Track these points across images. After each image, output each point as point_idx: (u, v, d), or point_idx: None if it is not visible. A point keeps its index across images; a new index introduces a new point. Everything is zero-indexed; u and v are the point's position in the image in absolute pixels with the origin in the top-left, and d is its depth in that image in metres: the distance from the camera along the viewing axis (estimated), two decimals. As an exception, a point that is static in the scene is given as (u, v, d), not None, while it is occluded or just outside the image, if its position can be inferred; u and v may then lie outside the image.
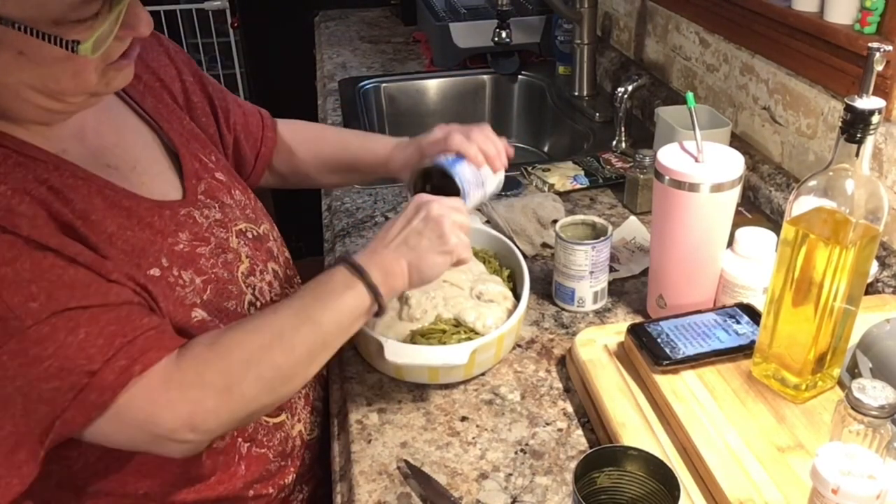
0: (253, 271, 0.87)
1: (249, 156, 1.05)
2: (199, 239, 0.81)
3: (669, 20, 1.54)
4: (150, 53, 0.92)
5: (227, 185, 0.91)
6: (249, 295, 0.85)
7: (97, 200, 0.73)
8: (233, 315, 0.81)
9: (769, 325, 0.78)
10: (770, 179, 1.22)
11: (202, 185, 0.87)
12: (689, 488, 0.72)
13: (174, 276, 0.77)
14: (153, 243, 0.76)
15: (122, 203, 0.76)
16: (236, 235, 0.87)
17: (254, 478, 0.85)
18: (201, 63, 3.98)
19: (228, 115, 1.01)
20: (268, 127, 1.08)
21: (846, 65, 1.02)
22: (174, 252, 0.78)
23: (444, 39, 1.95)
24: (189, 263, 0.79)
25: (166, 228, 0.79)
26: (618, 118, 1.48)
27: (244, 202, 0.92)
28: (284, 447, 0.89)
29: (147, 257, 0.75)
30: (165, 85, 0.92)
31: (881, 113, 0.67)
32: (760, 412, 0.77)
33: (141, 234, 0.76)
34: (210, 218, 0.85)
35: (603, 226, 1.01)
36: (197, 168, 0.88)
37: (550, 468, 0.79)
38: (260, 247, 0.90)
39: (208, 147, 0.93)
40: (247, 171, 1.06)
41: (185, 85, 0.95)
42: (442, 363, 0.84)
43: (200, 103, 0.97)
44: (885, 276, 0.98)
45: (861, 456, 0.57)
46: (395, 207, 1.30)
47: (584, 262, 0.98)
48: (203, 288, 0.79)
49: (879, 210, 0.70)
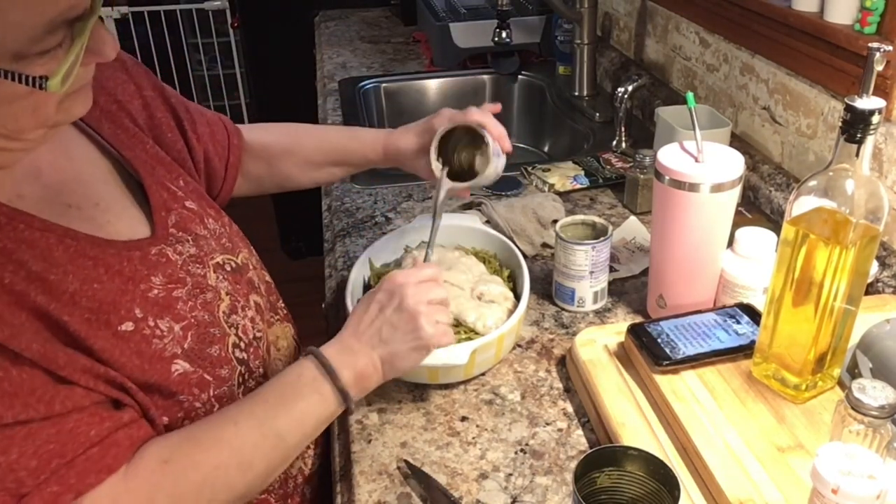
0: (234, 309, 0.81)
1: (219, 166, 0.99)
2: (174, 281, 0.75)
3: (669, 20, 1.54)
4: (105, 72, 0.84)
5: (200, 214, 0.85)
6: (233, 336, 0.79)
7: (58, 253, 0.67)
8: (216, 362, 0.75)
9: (769, 325, 0.78)
10: (770, 179, 1.22)
11: (172, 216, 0.80)
12: (689, 488, 0.72)
13: (150, 328, 0.71)
14: (124, 293, 0.70)
15: (87, 252, 0.69)
16: (214, 270, 0.81)
17: None
18: (201, 63, 4.00)
19: (195, 126, 0.94)
20: (232, 134, 1.02)
21: (846, 65, 1.02)
22: (148, 300, 0.72)
23: (444, 39, 1.95)
24: (165, 310, 0.73)
25: (137, 274, 0.72)
26: (618, 118, 1.48)
27: (219, 230, 0.86)
28: (286, 488, 0.86)
29: (118, 311, 0.69)
30: (123, 106, 0.85)
31: (881, 113, 0.67)
32: (760, 412, 0.77)
33: (110, 286, 0.69)
34: (184, 254, 0.78)
35: (603, 226, 1.01)
36: (165, 198, 0.81)
37: (550, 468, 0.79)
38: (240, 279, 0.85)
39: (175, 171, 0.87)
40: (218, 184, 1.00)
41: (147, 101, 0.88)
42: (442, 363, 0.84)
43: (164, 118, 0.89)
44: (885, 276, 0.98)
45: (861, 456, 0.57)
46: (395, 207, 1.30)
47: (584, 262, 0.98)
48: (183, 335, 0.73)
49: (879, 210, 0.70)
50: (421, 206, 1.30)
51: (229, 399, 0.76)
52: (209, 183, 0.98)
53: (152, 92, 0.89)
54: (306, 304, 1.32)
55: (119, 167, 0.81)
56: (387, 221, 1.26)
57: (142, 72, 0.90)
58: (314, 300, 1.18)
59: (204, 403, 0.74)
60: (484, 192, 1.32)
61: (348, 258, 1.16)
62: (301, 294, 1.40)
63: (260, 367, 0.82)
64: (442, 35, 1.95)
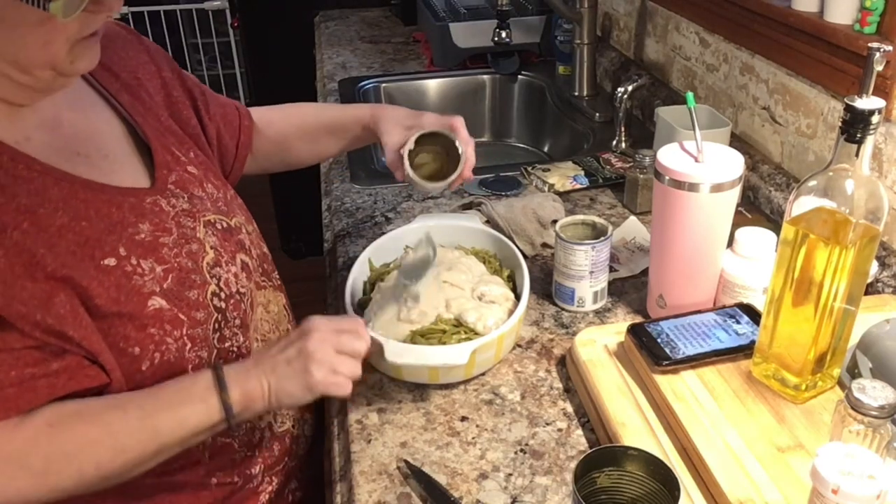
0: (218, 262, 0.86)
1: (230, 145, 1.06)
2: (161, 229, 0.82)
3: (669, 20, 1.54)
4: (130, 52, 0.93)
5: (200, 178, 0.91)
6: (213, 285, 0.84)
7: (52, 192, 0.74)
8: (193, 305, 0.81)
9: (769, 325, 0.78)
10: (770, 179, 1.22)
11: (173, 175, 0.87)
12: (689, 488, 0.72)
13: (132, 266, 0.77)
14: (111, 233, 0.77)
15: (79, 195, 0.76)
16: (204, 226, 0.87)
17: (218, 466, 0.87)
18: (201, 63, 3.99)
19: (209, 107, 1.02)
20: (243, 116, 1.08)
21: (846, 65, 1.02)
22: (134, 241, 0.78)
23: (444, 39, 1.95)
24: (149, 252, 0.79)
25: (126, 219, 0.79)
26: (618, 118, 1.48)
27: (216, 195, 0.92)
28: (251, 437, 0.90)
29: (102, 247, 0.75)
30: (142, 83, 0.92)
31: (881, 113, 0.67)
32: (760, 412, 0.77)
33: (98, 225, 0.76)
34: (177, 207, 0.85)
35: (603, 226, 1.01)
36: (168, 160, 0.88)
37: (550, 468, 0.79)
38: (229, 238, 0.90)
39: (186, 143, 0.94)
40: (230, 161, 1.06)
41: (165, 81, 0.96)
42: (442, 363, 0.84)
43: (181, 98, 0.97)
44: (885, 276, 0.98)
45: (861, 456, 0.57)
46: (395, 207, 1.30)
47: (584, 262, 0.98)
48: (164, 276, 0.79)
49: (879, 210, 0.70)
50: (421, 206, 1.30)
51: (203, 340, 0.82)
52: (221, 160, 1.04)
53: (171, 74, 0.97)
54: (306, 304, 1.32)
55: (132, 132, 0.88)
56: (387, 221, 1.26)
57: (162, 56, 0.99)
58: (314, 300, 1.18)
59: (176, 340, 0.79)
60: (484, 192, 1.32)
61: (348, 258, 1.16)
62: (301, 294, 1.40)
63: (237, 318, 0.87)
64: (442, 35, 1.95)
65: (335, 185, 1.39)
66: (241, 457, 0.89)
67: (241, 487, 0.90)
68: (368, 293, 1.00)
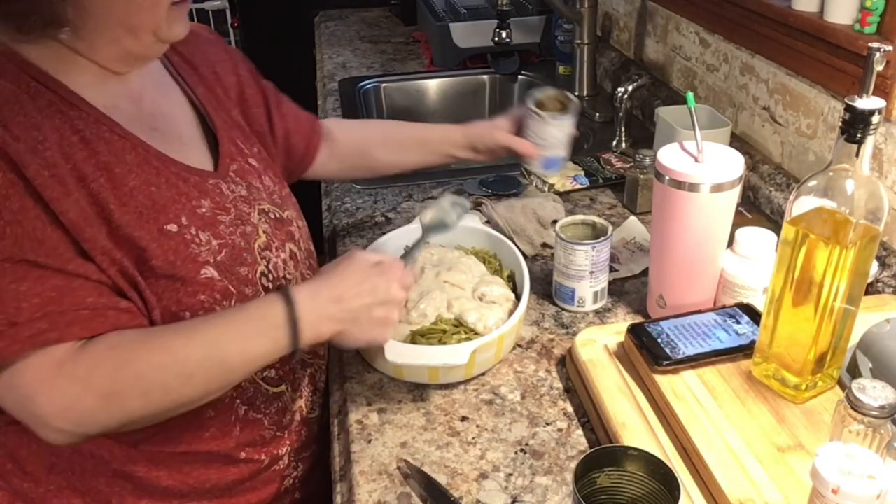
0: (269, 246, 0.89)
1: (299, 145, 1.10)
2: (220, 208, 0.85)
3: (669, 20, 1.54)
4: (210, 49, 1.00)
5: (259, 171, 0.95)
6: (262, 266, 0.87)
7: (129, 156, 0.79)
8: (243, 280, 0.83)
9: (769, 325, 0.78)
10: (770, 179, 1.22)
11: (235, 164, 0.92)
12: (689, 488, 0.72)
13: (191, 235, 0.81)
14: (175, 202, 0.81)
15: (152, 162, 0.81)
16: (258, 213, 0.90)
17: (247, 441, 0.88)
18: (201, 63, 3.99)
19: (280, 106, 1.07)
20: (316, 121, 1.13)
21: (846, 65, 1.02)
22: (195, 214, 0.82)
23: (444, 39, 1.95)
24: (208, 226, 0.83)
25: (191, 192, 0.83)
26: (618, 118, 1.48)
27: (272, 188, 0.96)
28: (281, 418, 0.91)
29: (167, 213, 0.79)
30: (220, 78, 0.99)
31: (881, 113, 0.67)
32: (760, 412, 0.77)
33: (165, 193, 0.80)
34: (236, 193, 0.89)
35: (603, 226, 1.01)
36: (233, 150, 0.93)
37: (550, 468, 0.79)
38: (281, 227, 0.93)
39: (250, 139, 0.99)
40: (297, 158, 1.10)
41: (240, 78, 1.02)
42: (442, 363, 0.84)
43: (253, 96, 1.03)
44: (885, 276, 0.98)
45: (861, 456, 0.57)
46: (395, 207, 1.30)
47: (585, 262, 0.98)
48: (218, 250, 0.82)
49: (879, 210, 0.70)
50: (421, 206, 1.30)
51: None
52: (287, 158, 1.09)
53: (246, 73, 1.04)
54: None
55: (203, 122, 0.93)
56: (387, 221, 1.26)
57: (240, 56, 1.06)
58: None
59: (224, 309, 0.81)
60: (484, 192, 1.32)
61: (348, 258, 1.16)
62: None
63: None
64: (442, 35, 1.95)
65: (335, 185, 1.39)
66: (270, 435, 0.90)
67: (266, 467, 0.91)
68: (368, 293, 1.00)
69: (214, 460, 0.86)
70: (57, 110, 0.75)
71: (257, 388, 0.87)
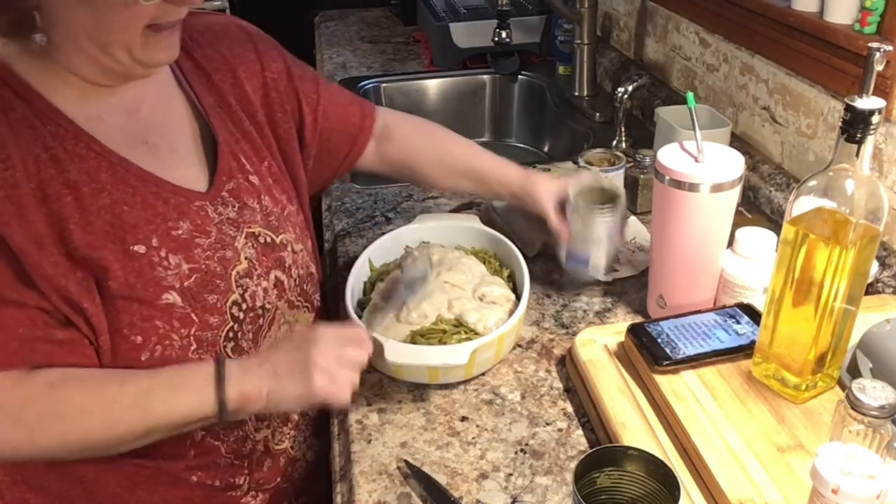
0: (250, 273, 0.86)
1: (344, 145, 1.05)
2: (200, 231, 0.83)
3: (669, 20, 1.54)
4: (235, 49, 0.94)
5: (259, 190, 0.91)
6: (236, 294, 0.84)
7: (103, 174, 0.76)
8: (210, 309, 0.81)
9: (769, 325, 0.78)
10: (770, 179, 1.22)
11: (231, 183, 0.88)
12: (689, 488, 0.72)
13: (160, 257, 0.79)
14: (149, 223, 0.79)
15: (130, 181, 0.78)
16: (245, 237, 0.87)
17: (200, 465, 0.87)
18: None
19: (317, 107, 1.00)
20: (366, 115, 1.06)
21: (846, 65, 1.02)
22: (169, 236, 0.80)
23: (444, 39, 1.95)
24: (181, 249, 0.80)
25: (168, 213, 0.80)
26: (618, 118, 1.48)
27: (270, 209, 0.92)
28: (241, 447, 0.89)
29: (136, 234, 0.77)
30: (239, 82, 0.93)
31: (881, 113, 0.67)
32: (760, 412, 0.77)
33: (139, 213, 0.78)
34: (223, 215, 0.86)
35: (614, 190, 1.01)
36: (232, 167, 0.89)
37: (550, 468, 0.79)
38: (269, 253, 0.90)
39: (261, 152, 0.93)
40: (339, 160, 1.06)
41: (266, 81, 0.95)
42: (442, 363, 0.84)
43: (280, 98, 0.96)
44: (885, 276, 0.98)
45: (861, 456, 0.57)
46: (395, 207, 1.30)
47: (602, 229, 0.98)
48: (188, 274, 0.80)
49: (879, 210, 0.70)
50: (421, 206, 1.30)
51: (210, 344, 0.82)
52: (329, 157, 1.04)
53: (277, 74, 0.97)
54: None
55: (206, 134, 0.89)
56: (387, 221, 1.26)
57: (274, 53, 0.98)
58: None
59: (182, 338, 0.80)
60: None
61: (348, 258, 1.16)
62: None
63: (250, 332, 0.86)
64: (442, 35, 1.95)
65: (335, 185, 1.39)
66: (225, 462, 0.88)
67: (221, 491, 0.89)
68: (368, 293, 1.00)
69: (164, 477, 0.85)
70: (29, 125, 0.74)
71: None
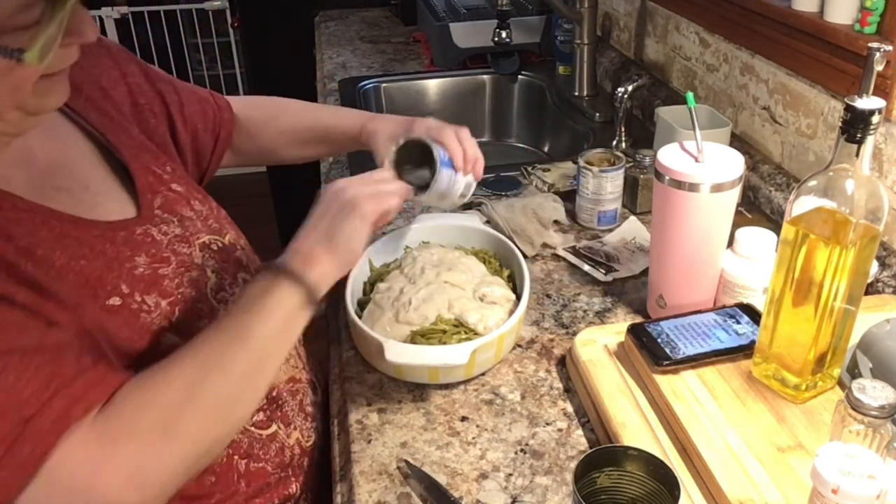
0: (222, 286, 0.84)
1: (208, 141, 1.02)
2: (158, 260, 0.78)
3: (669, 20, 1.54)
4: (90, 59, 0.86)
5: (186, 196, 0.87)
6: (220, 311, 0.82)
7: (43, 233, 0.68)
8: None
9: (769, 325, 0.78)
10: (770, 179, 1.22)
11: (158, 199, 0.83)
12: (689, 488, 0.72)
13: (137, 303, 0.73)
14: (110, 270, 0.72)
15: (70, 233, 0.71)
16: (200, 249, 0.83)
17: (255, 492, 0.84)
18: (201, 63, 4.00)
19: (182, 108, 0.97)
20: (222, 108, 1.04)
21: (846, 65, 1.02)
22: (134, 276, 0.74)
23: (444, 39, 1.95)
24: (152, 286, 0.75)
25: (121, 254, 0.74)
26: (618, 118, 1.48)
27: (205, 212, 0.89)
28: (282, 458, 0.87)
29: (104, 286, 0.71)
30: (108, 93, 0.87)
31: (881, 113, 0.67)
32: (760, 412, 0.77)
33: (95, 263, 0.71)
34: (169, 234, 0.81)
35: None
36: (151, 181, 0.83)
37: (550, 468, 0.79)
38: (227, 258, 0.87)
39: (160, 157, 0.89)
40: (207, 157, 1.03)
41: (131, 87, 0.91)
42: (442, 363, 0.84)
43: (148, 104, 0.92)
44: (885, 276, 0.98)
45: (861, 456, 0.57)
46: (395, 207, 1.30)
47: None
48: (170, 311, 0.76)
49: (879, 210, 0.70)
50: (421, 206, 1.30)
51: None
52: (198, 158, 1.01)
53: (137, 78, 0.92)
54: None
55: (106, 152, 0.83)
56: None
57: (126, 56, 0.93)
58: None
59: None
60: (484, 192, 1.32)
61: (348, 258, 1.16)
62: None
63: None
64: (442, 35, 1.95)
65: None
66: (275, 479, 0.86)
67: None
68: (368, 293, 1.00)
69: None
70: None
71: (250, 436, 0.83)
